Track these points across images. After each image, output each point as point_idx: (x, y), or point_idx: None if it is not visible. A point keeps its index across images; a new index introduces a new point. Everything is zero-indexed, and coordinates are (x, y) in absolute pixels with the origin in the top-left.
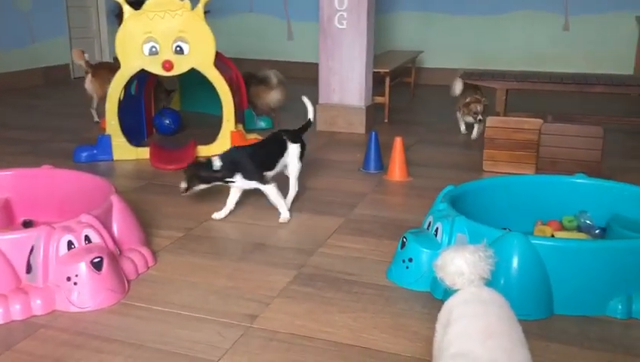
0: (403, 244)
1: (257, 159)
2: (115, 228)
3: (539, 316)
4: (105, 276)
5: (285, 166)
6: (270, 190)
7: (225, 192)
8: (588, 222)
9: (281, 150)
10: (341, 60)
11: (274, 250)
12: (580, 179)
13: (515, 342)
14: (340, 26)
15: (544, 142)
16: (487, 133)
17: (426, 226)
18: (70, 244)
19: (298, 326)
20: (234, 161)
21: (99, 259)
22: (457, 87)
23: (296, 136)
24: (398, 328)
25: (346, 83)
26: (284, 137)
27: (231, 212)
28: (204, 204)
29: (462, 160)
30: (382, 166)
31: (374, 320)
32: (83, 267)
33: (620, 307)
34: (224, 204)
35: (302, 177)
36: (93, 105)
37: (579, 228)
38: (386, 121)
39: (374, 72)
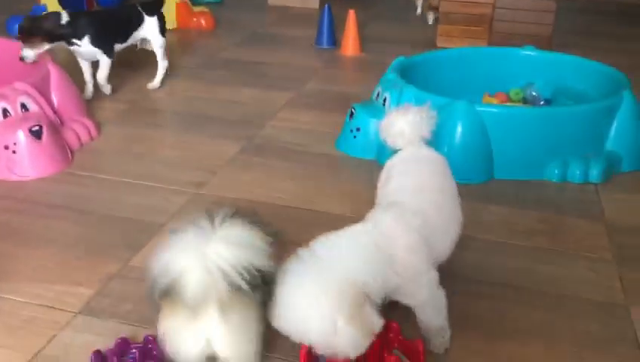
0: (351, 115)
1: (110, 27)
2: (53, 98)
3: (480, 180)
4: (45, 145)
5: (145, 40)
6: (106, 64)
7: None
8: (534, 93)
9: (137, 23)
10: None
11: (222, 122)
12: (528, 51)
13: (446, 197)
14: None
15: (498, 16)
16: (442, 7)
17: (375, 97)
18: (5, 112)
19: (246, 191)
20: (86, 23)
21: (37, 128)
22: None
23: (153, 9)
24: (345, 192)
25: None
26: (140, 9)
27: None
28: (147, 77)
29: (416, 36)
30: (335, 41)
31: (322, 186)
32: (21, 135)
33: (556, 171)
34: (166, 77)
35: (253, 53)
36: None
37: (525, 100)
38: None
39: None
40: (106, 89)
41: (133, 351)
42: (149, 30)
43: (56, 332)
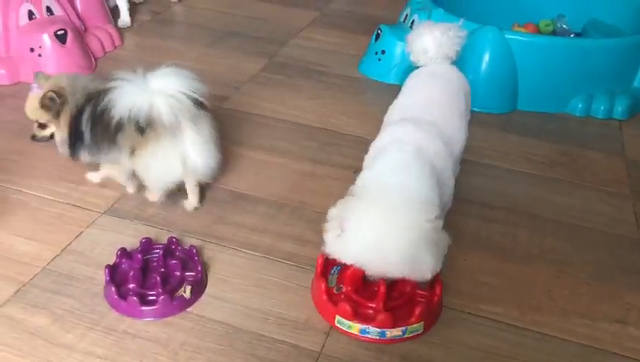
0: (377, 36)
1: None
2: (78, 4)
3: (503, 110)
4: (70, 49)
5: None
6: None
7: None
8: (564, 26)
9: None
10: None
11: (245, 38)
12: None
13: (454, 112)
14: None
15: None
16: None
17: (402, 19)
18: (31, 14)
19: (268, 108)
20: None
21: (62, 31)
22: None
23: None
24: (365, 115)
25: None
26: None
27: None
28: None
29: None
30: None
31: (342, 106)
32: (46, 38)
33: (580, 105)
34: None
35: None
36: None
37: (555, 32)
38: None
39: None
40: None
41: (157, 250)
42: None
43: (83, 229)
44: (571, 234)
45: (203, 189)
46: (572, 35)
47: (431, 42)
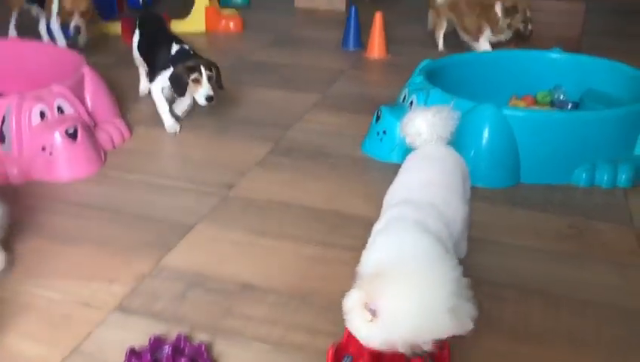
0: (378, 117)
1: None
2: (88, 100)
3: (507, 184)
4: (80, 146)
5: None
6: None
7: None
8: (562, 96)
9: None
10: None
11: (251, 124)
12: (556, 54)
13: (452, 193)
14: None
15: None
16: None
17: (401, 99)
18: (43, 114)
19: (274, 193)
20: None
21: (73, 129)
22: None
23: None
24: (370, 195)
25: None
26: None
27: None
28: None
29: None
30: (361, 43)
31: (348, 187)
32: (57, 136)
33: (583, 175)
34: None
35: (280, 55)
36: None
37: (552, 103)
38: None
39: None
40: None
41: (166, 348)
42: None
43: (92, 329)
44: (585, 310)
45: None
46: (570, 105)
47: (424, 125)
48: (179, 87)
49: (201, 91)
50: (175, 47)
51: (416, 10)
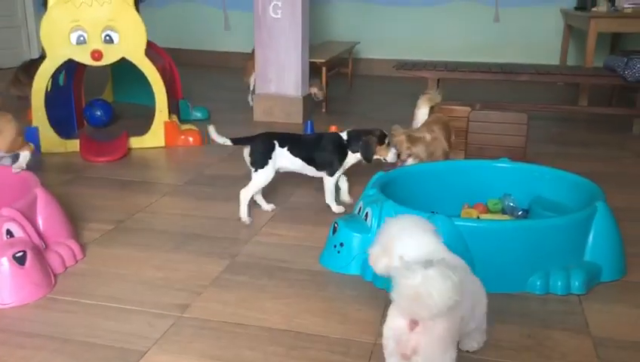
0: (335, 230)
1: None
2: (40, 222)
3: None
4: (29, 270)
5: None
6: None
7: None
8: (511, 204)
9: None
10: (277, 50)
11: (208, 239)
12: (504, 164)
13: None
14: (275, 16)
15: (472, 129)
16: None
17: (356, 211)
18: None
19: (230, 313)
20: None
21: (21, 253)
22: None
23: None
24: (329, 311)
25: (282, 73)
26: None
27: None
28: (135, 195)
29: None
30: None
31: (306, 304)
32: (5, 262)
33: (538, 283)
34: (154, 195)
35: (238, 167)
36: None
37: (503, 211)
38: (324, 111)
39: (311, 63)
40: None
41: None
42: None
43: None
44: None
45: None
46: (520, 213)
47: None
48: (368, 152)
49: (390, 155)
50: (344, 134)
51: (370, 122)
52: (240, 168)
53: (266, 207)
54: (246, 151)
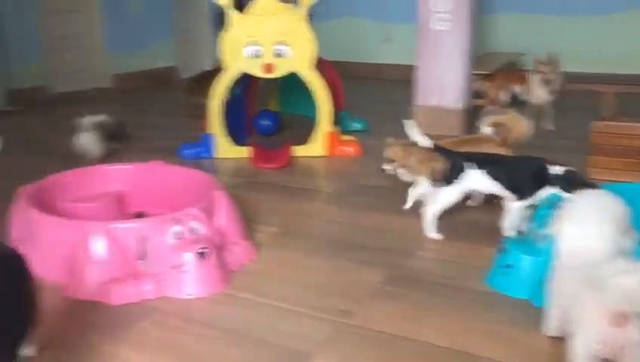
0: (503, 250)
1: None
2: (219, 221)
3: None
4: (210, 266)
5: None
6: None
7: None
8: None
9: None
10: (440, 62)
11: (368, 249)
12: None
13: None
14: (440, 28)
15: None
16: (592, 138)
17: (527, 231)
18: (178, 235)
19: (392, 325)
20: None
21: (205, 250)
22: None
23: None
24: (496, 334)
25: (444, 85)
26: None
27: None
28: (299, 201)
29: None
30: None
31: (471, 324)
32: (190, 256)
33: None
34: (316, 202)
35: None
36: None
37: None
38: None
39: (473, 74)
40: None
41: None
42: None
43: None
44: None
45: None
46: None
47: None
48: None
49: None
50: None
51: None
52: (396, 180)
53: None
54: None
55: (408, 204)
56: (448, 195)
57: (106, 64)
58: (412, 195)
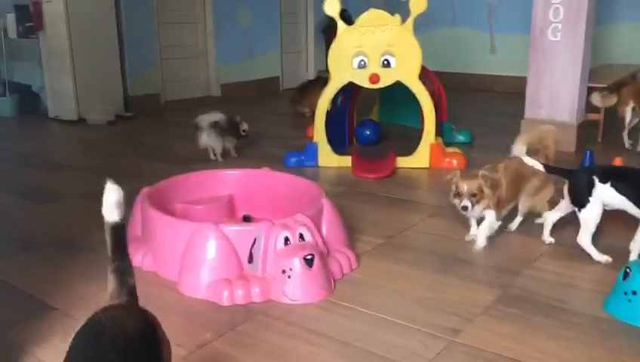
0: (626, 275)
1: None
2: (324, 229)
3: None
4: (315, 273)
5: None
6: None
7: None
8: None
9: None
10: (553, 74)
11: (475, 266)
12: None
13: None
14: (554, 38)
15: None
16: None
17: None
18: (287, 240)
19: (504, 347)
20: None
21: (311, 256)
22: None
23: None
24: None
25: (556, 98)
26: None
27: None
28: (402, 213)
29: None
30: None
31: (589, 352)
32: (297, 262)
33: None
34: (419, 214)
35: None
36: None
37: None
38: (599, 140)
39: (589, 87)
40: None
41: None
42: None
43: None
44: None
45: None
46: None
47: None
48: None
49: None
50: None
51: None
52: None
53: (548, 238)
54: (565, 187)
55: (546, 236)
56: (586, 217)
57: (215, 74)
58: (548, 222)
